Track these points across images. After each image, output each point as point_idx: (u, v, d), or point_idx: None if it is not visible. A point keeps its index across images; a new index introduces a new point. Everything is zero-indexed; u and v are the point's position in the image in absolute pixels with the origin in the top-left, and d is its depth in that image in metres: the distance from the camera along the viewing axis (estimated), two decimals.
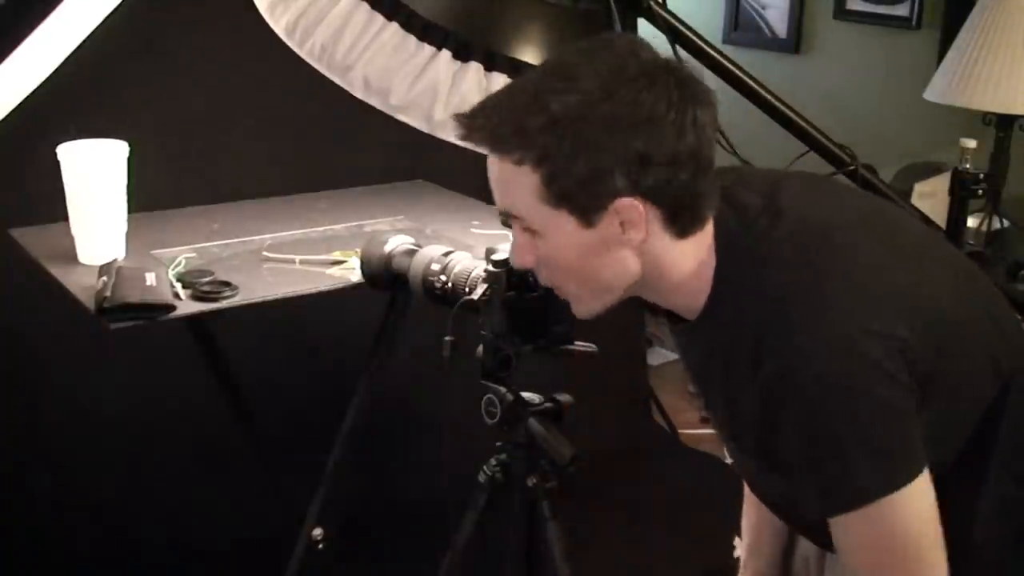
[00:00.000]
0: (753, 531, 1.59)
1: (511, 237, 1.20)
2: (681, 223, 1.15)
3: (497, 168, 1.14)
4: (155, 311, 1.72)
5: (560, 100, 1.09)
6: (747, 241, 1.17)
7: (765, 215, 1.18)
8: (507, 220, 1.18)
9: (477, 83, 1.57)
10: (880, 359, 1.08)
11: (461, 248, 1.61)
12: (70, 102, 2.17)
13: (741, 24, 4.09)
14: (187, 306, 1.78)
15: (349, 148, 2.69)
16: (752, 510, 1.59)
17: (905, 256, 1.21)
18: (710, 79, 1.88)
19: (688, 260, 1.18)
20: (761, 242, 1.16)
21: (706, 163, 1.13)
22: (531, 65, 1.60)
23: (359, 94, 1.58)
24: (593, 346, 1.48)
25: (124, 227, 1.97)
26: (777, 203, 1.19)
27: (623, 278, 1.18)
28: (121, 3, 2.04)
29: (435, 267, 1.55)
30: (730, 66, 1.90)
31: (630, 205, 1.11)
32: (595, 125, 1.09)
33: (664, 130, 1.09)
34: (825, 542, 1.22)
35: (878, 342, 1.09)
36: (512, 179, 1.12)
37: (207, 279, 1.85)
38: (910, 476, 1.10)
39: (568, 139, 1.09)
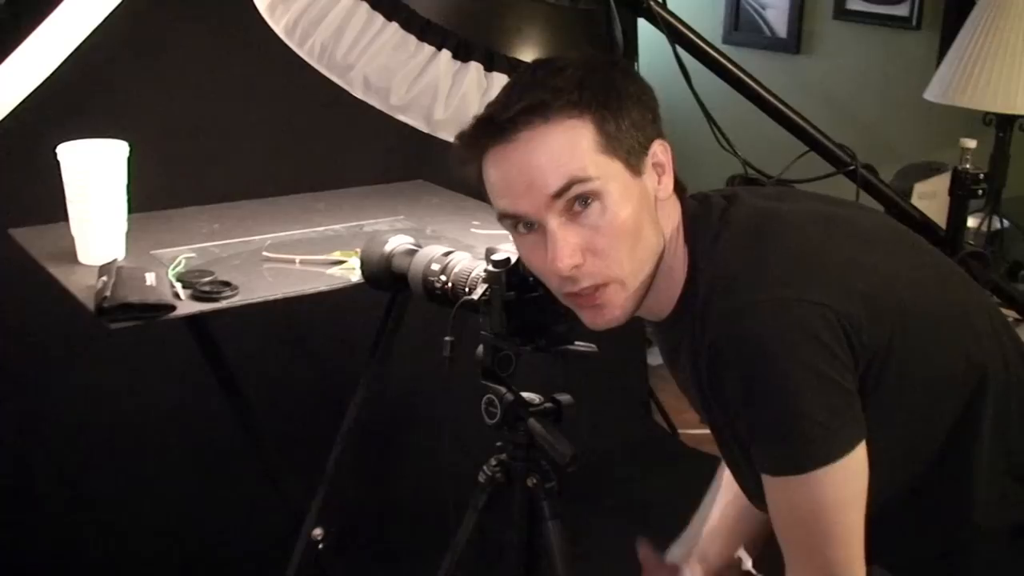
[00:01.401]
0: (719, 513, 1.57)
1: (549, 243, 1.15)
2: (676, 178, 1.21)
3: (545, 138, 1.12)
4: (155, 311, 1.72)
5: (572, 63, 1.16)
6: (708, 223, 1.21)
7: (723, 204, 1.23)
8: (543, 214, 1.14)
9: (477, 83, 1.57)
10: (816, 328, 1.09)
11: (461, 248, 1.61)
12: (70, 102, 2.17)
13: (741, 24, 4.09)
14: (187, 306, 1.78)
15: (349, 148, 2.69)
16: (727, 493, 1.57)
17: (859, 242, 1.21)
18: (711, 79, 1.89)
19: (676, 230, 1.22)
20: (720, 225, 1.20)
21: None
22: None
23: (359, 94, 1.58)
24: (593, 346, 1.48)
25: (124, 227, 1.97)
26: (736, 195, 1.25)
27: (658, 243, 1.19)
28: (121, 3, 2.04)
29: (435, 267, 1.55)
30: (730, 66, 1.90)
31: (663, 146, 1.18)
32: (617, 75, 1.17)
33: (649, 87, 1.20)
34: None
35: (815, 311, 1.09)
36: (569, 138, 1.12)
37: (207, 279, 1.85)
38: (836, 452, 1.10)
39: (603, 85, 1.14)
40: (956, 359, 1.20)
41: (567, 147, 1.12)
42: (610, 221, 1.14)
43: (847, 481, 1.12)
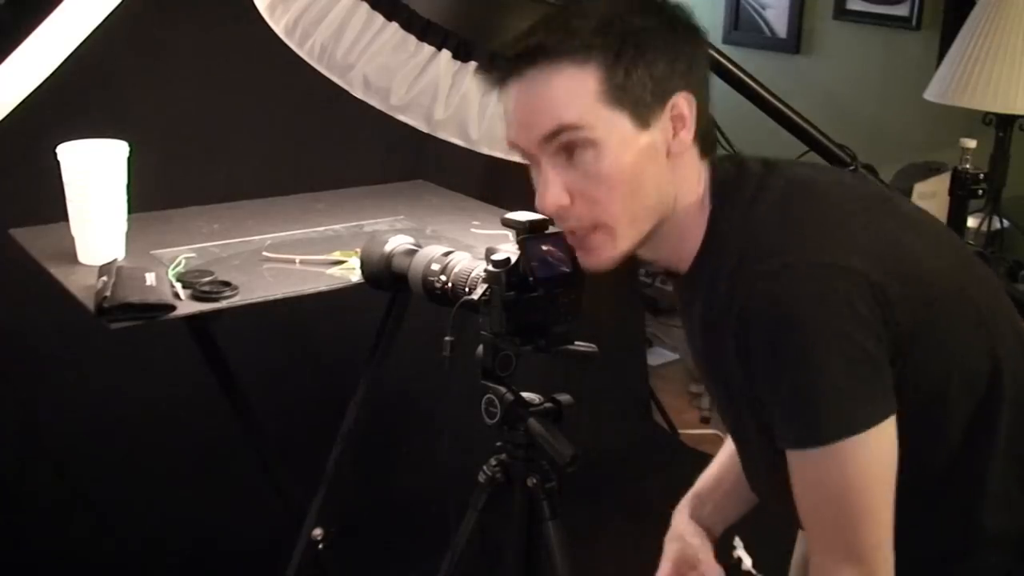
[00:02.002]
0: (712, 480, 1.56)
1: (541, 180, 1.15)
2: (704, 136, 1.17)
3: (548, 80, 1.11)
4: (155, 311, 1.72)
5: (599, 5, 1.13)
6: (741, 185, 1.18)
7: (760, 169, 1.20)
8: (536, 151, 1.15)
9: (477, 83, 1.57)
10: (850, 296, 1.06)
11: (461, 248, 1.61)
12: (70, 102, 2.16)
13: (741, 24, 4.09)
14: (187, 306, 1.78)
15: (349, 148, 2.69)
16: (721, 463, 1.56)
17: (898, 223, 1.19)
18: (710, 78, 1.89)
19: (698, 187, 1.19)
20: (756, 188, 1.18)
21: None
22: None
23: (359, 94, 1.59)
24: (593, 346, 1.48)
25: (124, 227, 1.97)
26: (774, 163, 1.22)
27: (663, 198, 1.16)
28: (121, 3, 2.04)
29: (435, 267, 1.55)
30: (730, 66, 1.90)
31: (686, 99, 1.14)
32: (650, 22, 1.13)
33: (698, 38, 1.17)
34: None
35: (850, 279, 1.07)
36: (569, 85, 1.10)
37: (207, 279, 1.85)
38: (863, 423, 1.07)
39: (623, 34, 1.11)
40: (979, 355, 1.17)
41: (566, 93, 1.11)
42: (603, 170, 1.12)
43: (875, 456, 1.09)
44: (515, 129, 1.16)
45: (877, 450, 1.09)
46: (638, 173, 1.13)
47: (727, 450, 1.54)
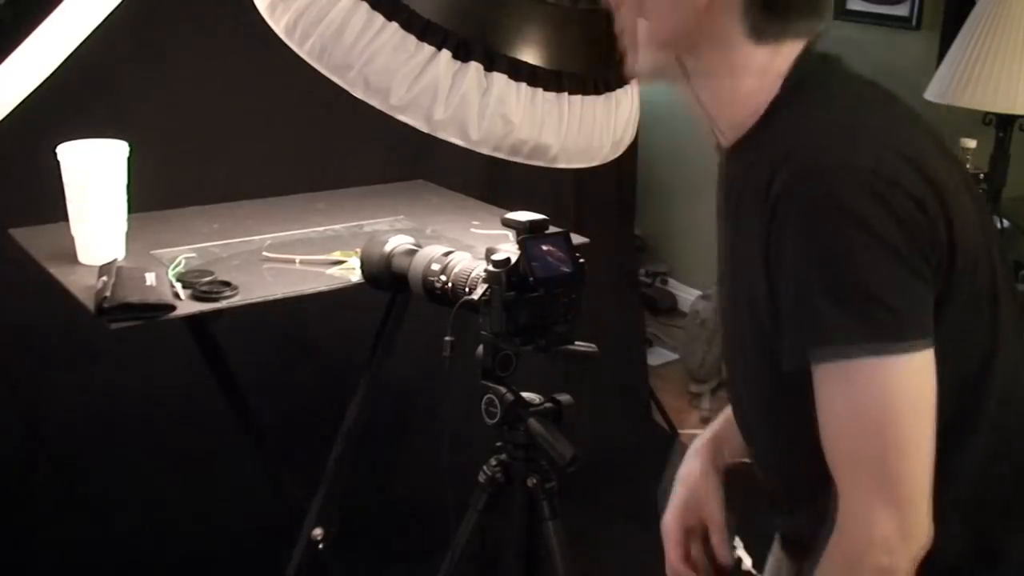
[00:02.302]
0: (729, 422, 1.39)
1: None
2: (758, 17, 1.10)
3: None
4: (155, 311, 1.72)
5: None
6: (819, 80, 1.13)
7: (842, 69, 1.17)
8: None
9: (477, 83, 1.57)
10: (897, 205, 0.99)
11: (461, 248, 1.61)
12: (70, 102, 2.17)
13: None
14: (187, 306, 1.78)
15: (349, 148, 2.69)
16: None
17: (951, 163, 1.12)
18: None
19: (748, 67, 1.13)
20: (832, 83, 1.14)
21: None
22: (531, 65, 1.60)
23: (359, 94, 1.58)
24: (593, 346, 1.48)
25: (124, 227, 1.97)
26: (855, 76, 1.17)
27: (678, 35, 1.15)
28: (121, 3, 2.04)
29: (435, 267, 1.55)
30: None
31: None
32: None
33: None
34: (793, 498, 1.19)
35: (899, 191, 0.99)
36: None
37: (207, 279, 1.85)
38: (902, 340, 0.99)
39: None
40: (986, 286, 1.09)
41: None
42: None
43: (915, 380, 1.00)
44: None
45: (919, 373, 1.00)
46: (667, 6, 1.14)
47: None
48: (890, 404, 1.00)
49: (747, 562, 1.82)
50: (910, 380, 1.00)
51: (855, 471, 1.03)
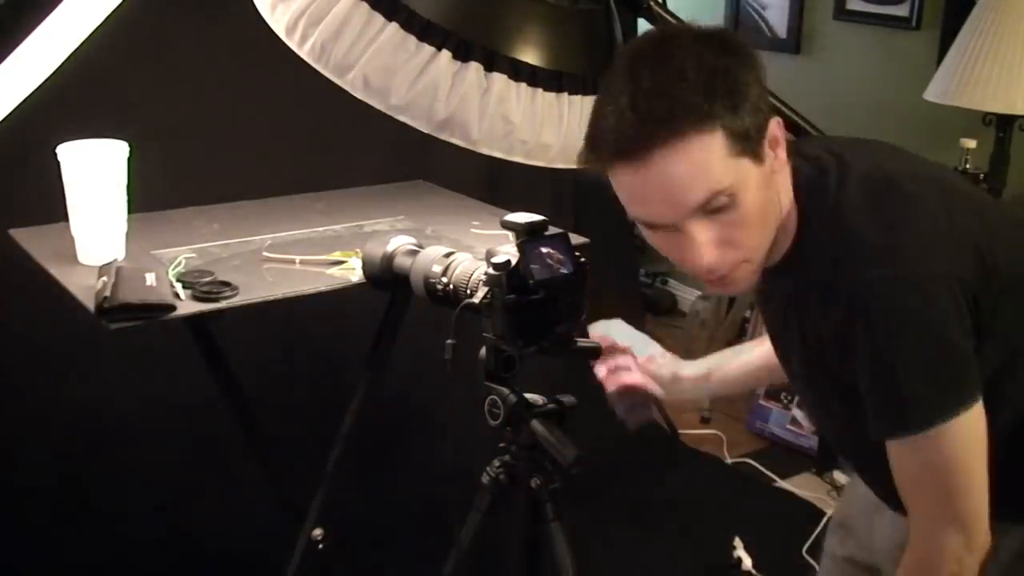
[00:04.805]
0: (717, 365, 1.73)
1: (687, 243, 1.19)
2: (787, 145, 1.23)
3: (681, 155, 1.13)
4: (155, 311, 1.72)
5: (690, 63, 1.14)
6: (824, 185, 1.25)
7: (835, 166, 1.27)
8: (678, 220, 1.18)
9: (477, 83, 1.57)
10: (945, 300, 1.18)
11: (461, 249, 1.61)
12: (70, 102, 2.16)
13: (741, 24, 4.08)
14: (187, 306, 1.78)
15: (349, 148, 2.69)
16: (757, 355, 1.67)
17: (971, 203, 1.29)
18: None
19: (788, 188, 1.26)
20: (836, 188, 1.25)
21: None
22: (531, 65, 1.60)
23: (359, 94, 1.58)
24: (596, 342, 1.48)
25: (124, 227, 1.97)
26: (843, 157, 1.28)
27: (778, 214, 1.24)
28: (121, 3, 2.04)
29: (436, 268, 1.54)
30: None
31: (778, 123, 1.20)
32: (734, 63, 1.16)
33: (755, 58, 1.20)
34: (883, 487, 1.35)
35: (943, 284, 1.18)
36: (704, 154, 1.13)
37: (207, 279, 1.85)
38: (961, 407, 1.19)
39: (725, 85, 1.14)
40: None
41: (703, 162, 1.14)
42: (744, 215, 1.18)
43: (971, 434, 1.21)
44: (650, 207, 1.18)
45: (971, 428, 1.21)
46: (765, 205, 1.21)
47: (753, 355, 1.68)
48: (952, 459, 1.22)
49: (747, 562, 1.82)
50: (968, 430, 1.21)
51: (928, 508, 1.26)
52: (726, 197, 1.15)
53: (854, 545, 1.64)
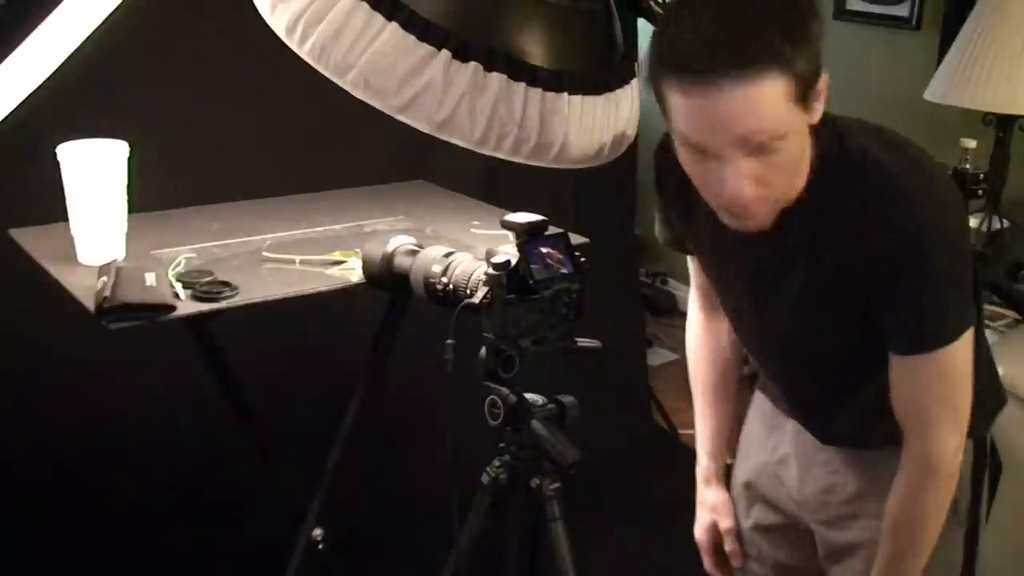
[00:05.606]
0: (714, 437, 1.78)
1: (729, 172, 1.22)
2: (816, 101, 1.25)
3: (750, 89, 1.14)
4: (155, 311, 1.72)
5: (774, 2, 1.17)
6: (835, 132, 1.31)
7: (832, 119, 1.32)
8: (723, 149, 1.20)
9: (476, 83, 1.57)
10: (966, 223, 1.36)
11: (461, 248, 1.61)
12: (70, 102, 2.16)
13: None
14: (187, 306, 1.78)
15: (349, 148, 2.69)
16: (716, 413, 1.76)
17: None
18: None
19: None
20: (848, 134, 1.32)
21: None
22: (530, 65, 1.59)
23: (359, 94, 1.58)
24: (597, 341, 1.48)
25: (124, 227, 1.97)
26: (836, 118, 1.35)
27: (808, 166, 1.29)
28: (121, 3, 2.04)
29: (436, 268, 1.55)
30: None
31: (825, 78, 1.22)
32: (806, 11, 1.19)
33: (821, 16, 1.22)
34: (828, 428, 1.53)
35: (964, 209, 1.36)
36: (771, 93, 1.15)
37: (207, 279, 1.84)
38: (973, 317, 1.35)
39: (802, 31, 1.16)
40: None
41: (769, 103, 1.16)
42: (785, 159, 1.23)
43: (970, 342, 1.34)
44: (701, 132, 1.20)
45: (971, 337, 1.35)
46: (802, 153, 1.27)
47: (711, 402, 1.77)
48: (966, 361, 1.35)
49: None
50: (970, 338, 1.34)
51: (935, 412, 1.37)
52: (779, 140, 1.19)
53: (759, 506, 1.71)
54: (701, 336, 1.73)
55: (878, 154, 1.30)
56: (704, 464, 1.78)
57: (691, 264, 1.66)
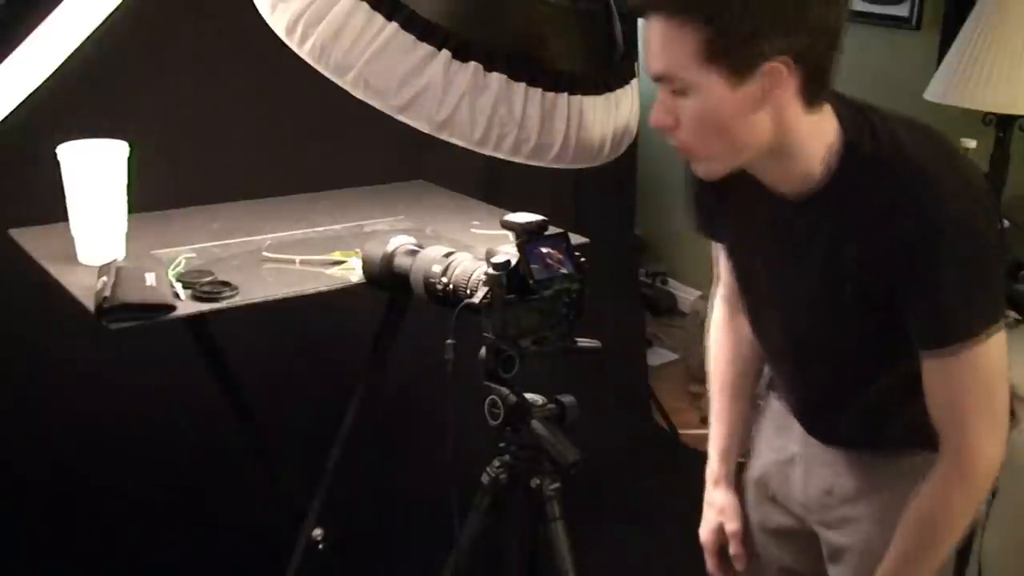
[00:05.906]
0: (726, 438, 1.80)
1: (658, 99, 1.28)
2: (811, 92, 1.28)
3: (661, 29, 1.24)
4: (155, 311, 1.72)
5: None
6: (867, 123, 1.34)
7: (865, 108, 1.38)
8: (658, 79, 1.28)
9: (477, 83, 1.57)
10: (995, 219, 1.36)
11: (461, 248, 1.61)
12: (70, 102, 2.16)
13: None
14: (187, 306, 1.78)
15: (349, 148, 2.69)
16: (731, 420, 1.80)
17: None
18: None
19: (812, 134, 1.32)
20: (882, 125, 1.34)
21: (838, 38, 1.29)
22: (530, 65, 1.60)
23: (359, 94, 1.58)
24: (597, 341, 1.48)
25: (124, 227, 1.97)
26: (863, 106, 1.39)
27: (756, 141, 1.29)
28: (121, 3, 2.04)
29: (436, 268, 1.54)
30: None
31: (777, 67, 1.23)
32: None
33: (807, 4, 1.24)
34: (831, 429, 1.53)
35: (992, 204, 1.37)
36: (675, 39, 1.23)
37: (207, 279, 1.84)
38: (1002, 315, 1.34)
39: (737, 2, 1.20)
40: None
41: (672, 46, 1.24)
42: (695, 116, 1.27)
43: (1002, 340, 1.34)
44: (645, 56, 1.30)
45: (1003, 335, 1.34)
46: (728, 125, 1.27)
47: (727, 400, 1.81)
48: (1000, 359, 1.34)
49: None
50: (1002, 337, 1.33)
51: (970, 413, 1.35)
52: (680, 88, 1.25)
53: (769, 507, 1.71)
54: (723, 333, 1.74)
55: (911, 149, 1.32)
56: (714, 466, 1.79)
57: (716, 256, 1.67)
